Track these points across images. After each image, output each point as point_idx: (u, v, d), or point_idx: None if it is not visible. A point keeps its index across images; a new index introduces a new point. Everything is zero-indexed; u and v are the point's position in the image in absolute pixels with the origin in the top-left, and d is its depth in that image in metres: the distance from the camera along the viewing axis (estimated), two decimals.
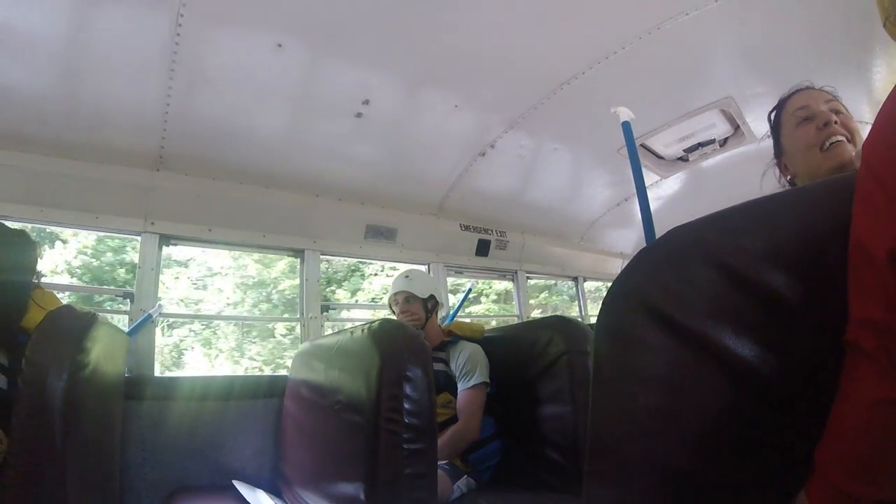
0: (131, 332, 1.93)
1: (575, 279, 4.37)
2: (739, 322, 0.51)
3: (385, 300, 2.29)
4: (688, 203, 4.49)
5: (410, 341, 1.43)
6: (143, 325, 1.95)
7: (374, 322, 1.54)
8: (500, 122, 2.63)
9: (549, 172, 3.18)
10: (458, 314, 3.21)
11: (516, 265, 3.70)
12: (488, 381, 2.00)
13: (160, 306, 2.02)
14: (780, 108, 1.15)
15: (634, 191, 1.95)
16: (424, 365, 1.40)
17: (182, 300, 7.68)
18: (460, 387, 1.99)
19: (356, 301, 8.42)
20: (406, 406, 1.34)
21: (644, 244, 1.31)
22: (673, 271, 0.57)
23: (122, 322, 2.03)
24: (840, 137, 1.01)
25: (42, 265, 1.52)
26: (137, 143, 2.05)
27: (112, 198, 2.05)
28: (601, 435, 0.59)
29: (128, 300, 2.07)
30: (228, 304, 8.12)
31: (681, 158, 3.19)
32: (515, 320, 3.72)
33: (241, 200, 2.32)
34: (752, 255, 0.51)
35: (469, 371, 2.00)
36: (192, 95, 2.01)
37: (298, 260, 2.61)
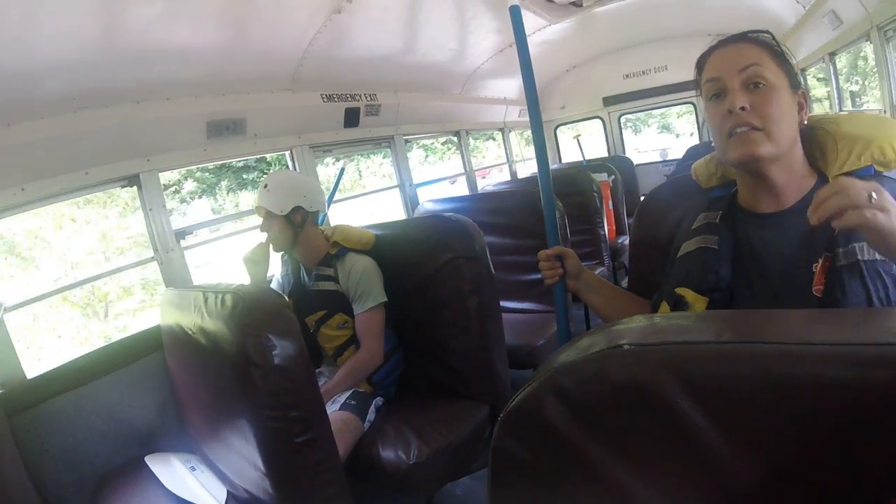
0: None
1: (457, 133, 4.12)
2: None
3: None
4: (575, 48, 4.18)
5: (273, 321, 1.21)
6: None
7: (226, 294, 1.27)
8: None
9: (422, 24, 2.63)
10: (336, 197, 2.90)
11: (392, 130, 3.32)
12: (386, 299, 1.84)
13: (1, 305, 1.63)
14: (699, 68, 0.93)
15: None
16: (296, 345, 1.22)
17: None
18: (356, 309, 1.81)
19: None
20: (286, 399, 1.19)
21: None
22: None
23: None
24: (745, 128, 0.83)
25: None
26: None
27: None
28: None
29: None
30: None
31: (574, 3, 2.79)
32: (398, 190, 3.51)
33: (50, 139, 1.73)
34: None
35: (364, 293, 1.80)
36: None
37: (136, 188, 2.02)
